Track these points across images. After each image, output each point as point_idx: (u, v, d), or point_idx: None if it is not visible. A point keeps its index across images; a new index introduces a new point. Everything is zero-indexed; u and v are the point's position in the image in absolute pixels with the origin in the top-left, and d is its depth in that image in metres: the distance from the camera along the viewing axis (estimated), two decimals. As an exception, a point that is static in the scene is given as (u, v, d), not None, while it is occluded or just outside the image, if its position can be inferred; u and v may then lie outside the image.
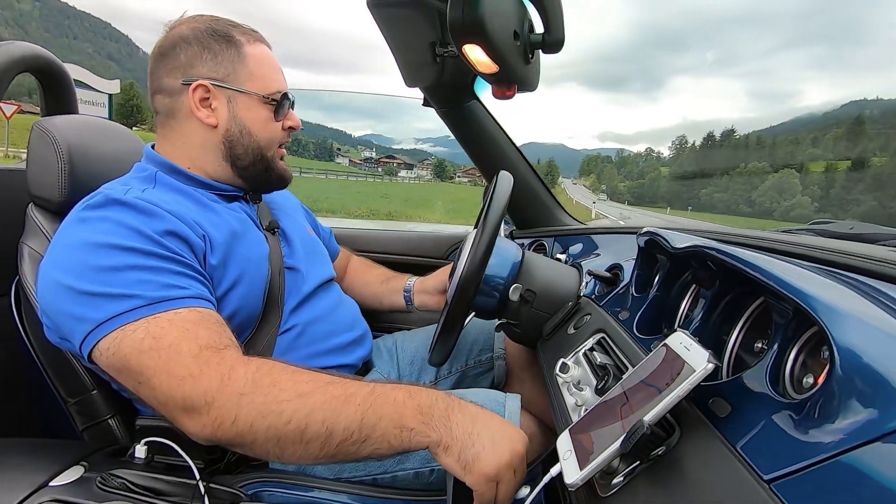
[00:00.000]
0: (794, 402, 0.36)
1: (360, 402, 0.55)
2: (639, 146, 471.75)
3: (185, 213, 0.70)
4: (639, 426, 0.39)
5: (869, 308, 0.38)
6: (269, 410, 0.54)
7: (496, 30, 0.70)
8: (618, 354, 0.63)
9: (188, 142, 0.79)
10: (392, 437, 0.54)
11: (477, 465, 0.53)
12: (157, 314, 0.59)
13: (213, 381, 0.56)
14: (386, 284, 1.12)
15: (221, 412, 0.55)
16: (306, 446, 0.54)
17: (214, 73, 0.77)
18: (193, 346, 0.58)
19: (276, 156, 0.83)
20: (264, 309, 0.77)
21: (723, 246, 0.54)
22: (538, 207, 1.47)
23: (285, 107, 0.82)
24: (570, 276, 0.93)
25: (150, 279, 0.61)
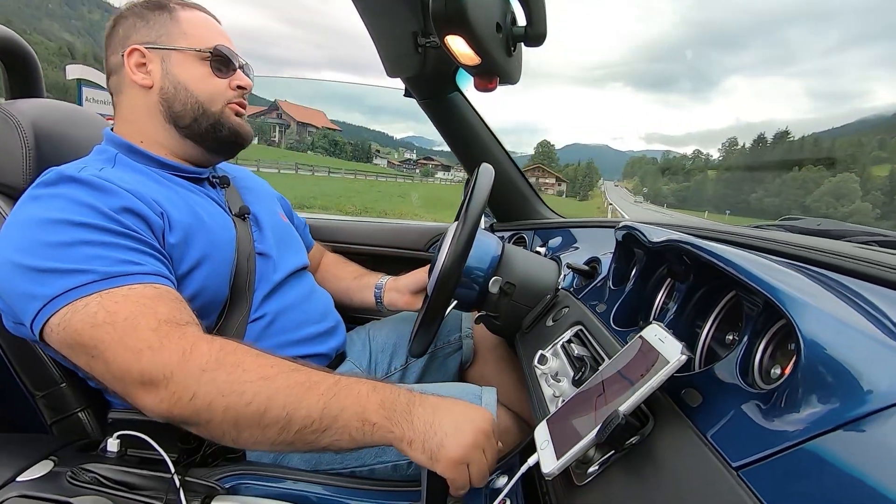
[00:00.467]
0: (762, 393, 0.38)
1: (323, 392, 0.54)
2: (687, 148, 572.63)
3: (144, 192, 0.69)
4: (614, 416, 0.40)
5: (834, 302, 0.40)
6: (230, 390, 0.53)
7: (479, 21, 0.70)
8: (595, 346, 0.64)
9: (134, 111, 0.79)
10: (354, 429, 0.54)
11: (442, 452, 0.53)
12: (110, 289, 0.57)
13: (174, 355, 0.54)
14: (358, 280, 1.12)
15: (180, 387, 0.53)
16: (264, 430, 0.54)
17: (147, 37, 0.77)
18: (152, 320, 0.56)
19: (225, 112, 0.81)
20: (232, 295, 0.76)
21: (697, 240, 0.55)
22: (519, 200, 1.48)
23: (228, 65, 0.81)
24: (550, 269, 0.93)
25: (105, 255, 0.59)
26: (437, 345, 1.04)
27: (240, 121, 0.83)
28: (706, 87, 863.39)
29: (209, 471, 0.71)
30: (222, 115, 0.81)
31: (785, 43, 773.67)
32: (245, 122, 0.85)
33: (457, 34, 0.71)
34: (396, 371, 1.02)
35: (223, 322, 0.75)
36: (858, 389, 0.31)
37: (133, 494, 0.64)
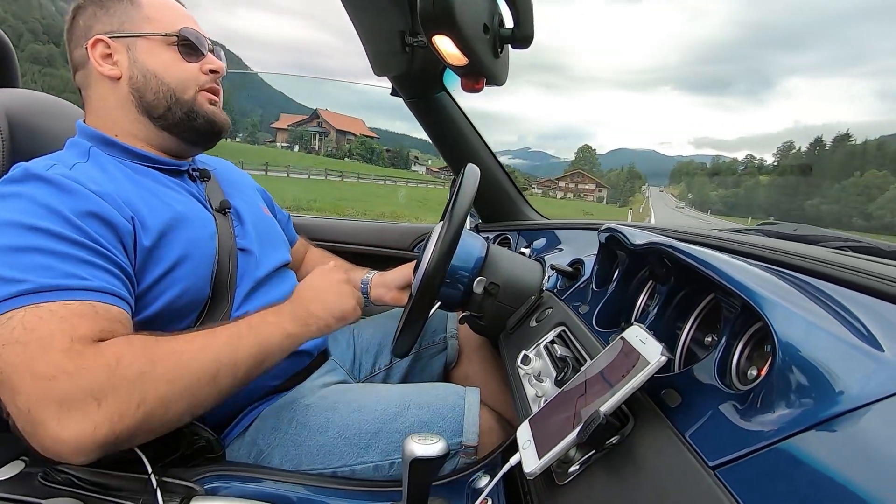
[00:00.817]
0: (739, 393, 0.38)
1: (244, 333, 0.64)
2: (739, 153, 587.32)
3: (115, 193, 0.66)
4: (595, 416, 0.41)
5: (809, 305, 0.41)
6: (177, 375, 0.56)
7: (466, 22, 0.70)
8: (577, 347, 0.64)
9: (105, 105, 0.77)
10: (283, 347, 0.68)
11: (342, 307, 0.75)
12: (40, 304, 0.53)
13: (100, 374, 0.51)
14: None
15: (122, 403, 0.51)
16: (219, 387, 0.60)
17: (109, 26, 0.75)
18: (65, 341, 0.52)
19: (198, 99, 0.79)
20: (213, 293, 0.75)
21: (678, 243, 0.56)
22: (504, 201, 1.49)
23: (196, 48, 0.79)
24: (534, 270, 0.94)
25: (52, 265, 0.56)
26: (421, 345, 1.04)
27: (214, 109, 0.81)
28: (762, 88, 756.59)
29: (187, 471, 0.69)
30: (195, 102, 0.79)
31: (852, 42, 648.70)
32: (220, 111, 0.83)
33: (444, 34, 0.71)
34: (381, 371, 1.02)
35: (203, 320, 0.74)
36: (830, 390, 0.32)
37: (108, 496, 0.63)
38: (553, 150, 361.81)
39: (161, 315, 0.69)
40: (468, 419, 0.76)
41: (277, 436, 0.75)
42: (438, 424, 0.75)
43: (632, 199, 37.88)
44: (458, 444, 0.75)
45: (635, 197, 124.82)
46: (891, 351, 0.33)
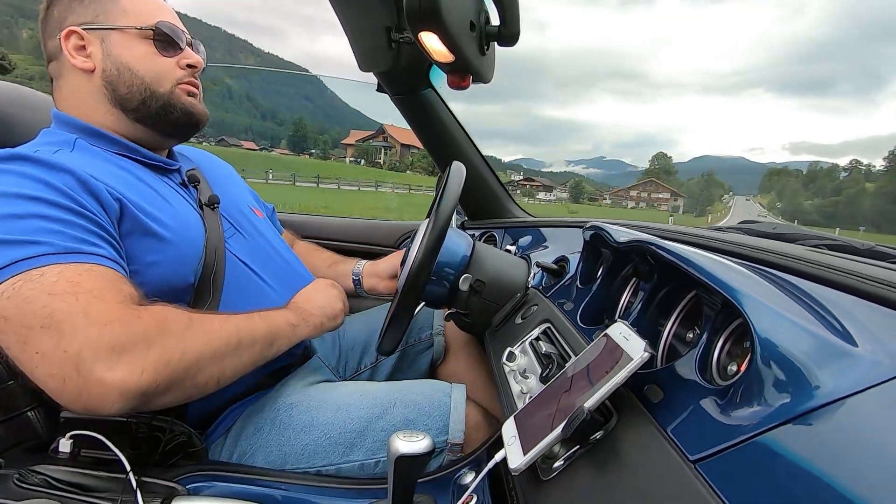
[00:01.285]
0: (720, 388, 0.39)
1: (258, 320, 0.69)
2: (843, 158, 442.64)
3: (102, 177, 0.65)
4: (579, 412, 0.41)
5: (787, 302, 0.42)
6: (208, 338, 0.61)
7: (453, 19, 0.70)
8: (562, 344, 0.65)
9: (76, 96, 0.75)
10: (289, 332, 0.73)
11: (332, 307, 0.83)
12: (71, 263, 0.55)
13: (150, 325, 0.56)
14: (333, 268, 1.10)
15: (166, 351, 0.55)
16: (241, 356, 0.65)
17: (83, 17, 0.74)
18: (118, 295, 0.56)
19: (175, 92, 0.77)
20: (198, 289, 0.73)
21: (661, 241, 0.57)
22: (490, 199, 1.49)
23: (173, 42, 0.77)
24: (519, 268, 0.95)
25: (61, 230, 0.56)
26: (408, 342, 1.03)
27: (192, 101, 0.80)
28: (873, 87, 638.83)
29: (168, 471, 0.68)
30: (172, 95, 0.77)
31: None
32: (199, 103, 0.81)
33: (430, 31, 0.71)
34: (367, 368, 1.01)
35: None
36: (807, 385, 0.32)
37: (86, 497, 0.62)
38: (630, 158, 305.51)
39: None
40: (454, 417, 0.76)
41: (260, 437, 0.75)
42: (424, 423, 0.75)
43: (710, 208, 36.16)
44: (444, 441, 0.75)
45: (714, 206, 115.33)
46: (864, 347, 0.34)
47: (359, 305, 1.44)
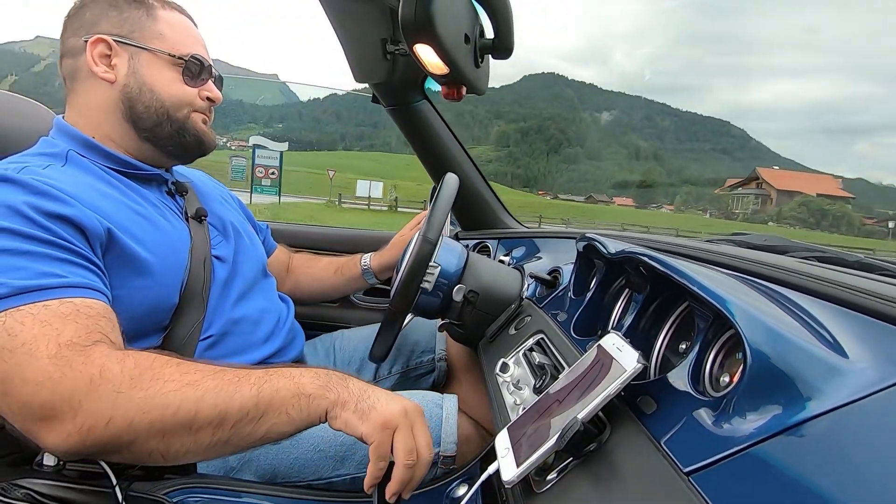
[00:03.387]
0: (712, 400, 0.39)
1: (254, 381, 0.53)
2: None
3: (88, 197, 0.64)
4: (573, 423, 0.41)
5: (778, 313, 0.42)
6: (152, 405, 0.50)
7: (447, 32, 0.71)
8: (555, 355, 0.65)
9: (89, 103, 0.75)
10: (290, 406, 0.53)
11: (373, 413, 0.53)
12: (20, 306, 0.52)
13: (80, 383, 0.50)
14: (340, 274, 1.10)
15: (92, 416, 0.49)
16: (196, 435, 0.51)
17: (118, 29, 0.73)
18: (52, 346, 0.51)
19: (191, 117, 0.78)
20: (183, 300, 0.72)
21: (654, 253, 0.57)
22: (484, 209, 1.50)
23: (201, 73, 0.78)
24: (513, 279, 0.95)
25: (23, 265, 0.54)
26: (408, 364, 1.02)
27: (205, 128, 0.81)
28: None
29: (155, 484, 0.67)
30: (188, 119, 0.78)
31: None
32: (210, 130, 0.82)
33: (425, 43, 0.72)
34: None
35: (172, 329, 0.71)
36: (798, 397, 0.33)
37: None
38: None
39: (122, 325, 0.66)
40: (445, 428, 0.75)
41: (251, 450, 0.73)
42: None
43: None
44: (436, 454, 0.74)
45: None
46: (855, 358, 0.34)
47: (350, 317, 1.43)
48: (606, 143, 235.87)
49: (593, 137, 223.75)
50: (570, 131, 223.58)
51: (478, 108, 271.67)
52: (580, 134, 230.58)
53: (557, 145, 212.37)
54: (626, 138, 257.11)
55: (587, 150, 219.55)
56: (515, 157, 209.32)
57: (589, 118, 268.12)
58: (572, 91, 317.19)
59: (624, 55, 35.05)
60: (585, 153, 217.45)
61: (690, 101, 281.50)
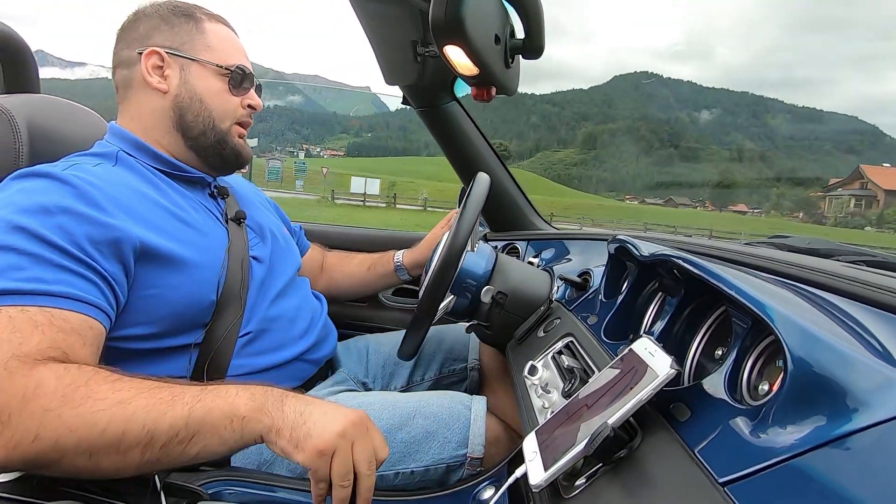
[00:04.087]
0: (750, 408, 0.38)
1: (188, 400, 0.52)
2: None
3: (129, 197, 0.67)
4: (603, 429, 0.40)
5: (822, 320, 0.40)
6: (79, 423, 0.49)
7: (478, 32, 0.71)
8: (585, 358, 0.64)
9: (141, 110, 0.79)
10: (223, 428, 0.52)
11: (308, 442, 0.52)
12: (3, 306, 0.53)
13: (13, 398, 0.49)
14: (373, 271, 1.12)
15: (19, 431, 0.49)
16: (125, 455, 0.51)
17: (170, 41, 0.77)
18: (6, 354, 0.51)
19: (231, 131, 0.82)
20: (221, 301, 0.74)
21: (688, 256, 0.55)
22: (513, 210, 1.49)
23: (244, 82, 0.82)
24: (542, 280, 0.94)
25: (22, 265, 0.55)
26: (441, 372, 1.03)
27: (241, 142, 0.84)
28: None
29: (192, 475, 0.69)
30: (229, 133, 0.81)
31: None
32: (246, 145, 0.86)
33: (455, 45, 0.72)
34: (396, 391, 1.01)
35: (211, 326, 0.74)
36: (844, 407, 0.31)
37: (112, 498, 0.63)
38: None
39: (165, 320, 0.69)
40: (474, 430, 0.75)
41: None
42: (444, 434, 0.75)
43: None
44: (464, 455, 0.74)
45: None
46: (906, 368, 0.32)
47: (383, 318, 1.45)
48: (704, 143, 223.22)
49: (689, 138, 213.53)
50: (662, 132, 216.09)
51: (564, 111, 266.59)
52: (674, 135, 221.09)
53: (648, 147, 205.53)
54: (728, 138, 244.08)
55: (681, 152, 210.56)
56: (602, 160, 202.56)
57: (686, 118, 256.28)
58: (667, 90, 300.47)
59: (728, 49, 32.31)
60: (679, 154, 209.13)
61: (809, 95, 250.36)
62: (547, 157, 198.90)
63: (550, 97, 50.62)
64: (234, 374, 0.75)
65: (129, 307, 0.66)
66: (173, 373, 0.70)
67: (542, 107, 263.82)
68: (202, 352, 0.73)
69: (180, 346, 0.71)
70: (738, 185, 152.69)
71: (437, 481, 0.75)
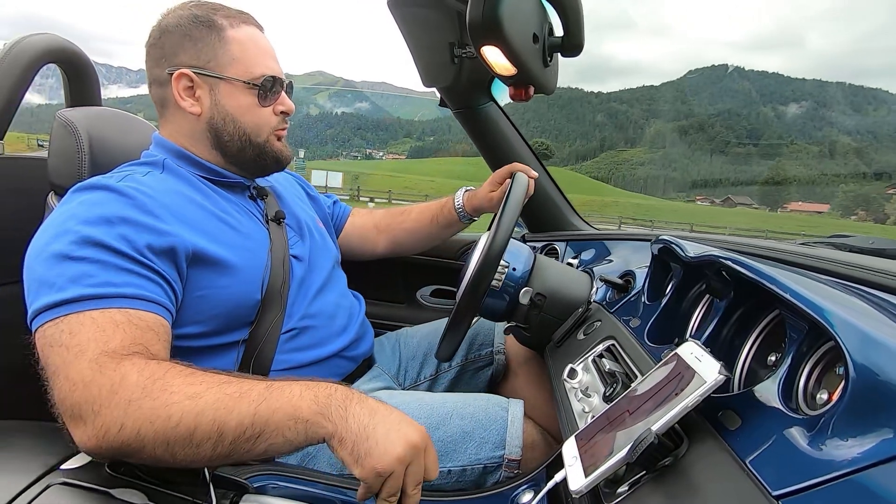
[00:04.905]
0: (807, 418, 0.36)
1: (254, 398, 0.54)
2: None
3: (177, 203, 0.71)
4: (646, 435, 0.39)
5: (887, 325, 0.37)
6: (156, 415, 0.52)
7: (515, 32, 0.70)
8: (627, 362, 0.62)
9: (180, 130, 0.81)
10: (287, 429, 0.53)
11: (368, 459, 0.52)
12: (83, 311, 0.58)
13: (103, 390, 0.53)
14: (436, 222, 1.11)
15: (107, 421, 0.53)
16: (197, 448, 0.53)
17: (196, 60, 0.77)
18: (95, 351, 0.56)
19: (269, 140, 0.83)
20: (265, 299, 0.77)
21: (738, 256, 0.53)
22: (552, 211, 1.47)
23: (273, 91, 0.81)
24: (582, 282, 0.92)
25: (92, 273, 0.60)
26: (467, 357, 1.03)
27: (281, 146, 0.85)
28: None
29: (239, 469, 0.72)
30: (267, 143, 0.83)
31: None
32: (286, 146, 0.87)
33: (493, 45, 0.71)
34: (425, 380, 1.02)
35: (255, 327, 0.77)
36: (914, 420, 0.29)
37: (166, 488, 0.66)
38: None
39: (214, 320, 0.72)
40: (511, 431, 0.75)
41: None
42: (480, 435, 0.74)
43: None
44: (501, 456, 0.73)
45: None
46: None
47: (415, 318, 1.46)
48: (789, 139, 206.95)
49: (771, 134, 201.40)
50: (740, 128, 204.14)
51: (632, 109, 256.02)
52: (754, 130, 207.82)
53: (724, 144, 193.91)
54: (818, 133, 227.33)
55: (760, 149, 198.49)
56: (672, 160, 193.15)
57: (770, 112, 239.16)
58: (749, 83, 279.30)
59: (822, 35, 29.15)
60: (758, 152, 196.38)
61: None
62: (612, 158, 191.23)
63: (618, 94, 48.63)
64: (277, 370, 0.77)
65: (182, 307, 0.69)
66: (222, 367, 0.73)
67: (608, 105, 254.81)
68: (247, 348, 0.76)
69: (228, 343, 0.74)
70: (799, 180, 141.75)
71: (475, 482, 0.74)
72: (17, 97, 0.93)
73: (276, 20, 16.32)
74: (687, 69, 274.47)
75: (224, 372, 0.58)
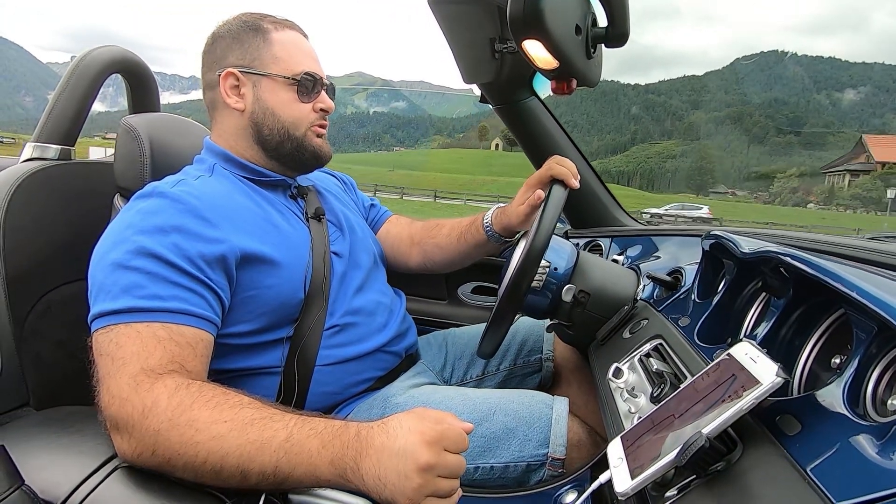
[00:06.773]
0: (876, 425, 0.33)
1: (275, 450, 0.55)
2: None
3: (225, 205, 0.74)
4: (697, 438, 0.38)
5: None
6: (183, 451, 0.55)
7: (557, 24, 0.69)
8: (676, 362, 0.60)
9: (226, 128, 0.85)
10: (309, 483, 0.56)
11: (397, 500, 0.54)
12: (131, 323, 0.61)
13: (136, 411, 0.56)
14: (464, 241, 1.04)
15: (141, 444, 0.56)
16: (226, 481, 0.56)
17: (241, 60, 0.81)
18: (136, 367, 0.58)
19: (307, 135, 0.85)
20: (308, 296, 0.79)
21: (798, 252, 0.50)
22: (595, 206, 1.43)
23: (312, 89, 0.84)
24: (627, 279, 0.89)
25: (142, 284, 0.63)
26: (515, 363, 1.03)
27: (320, 142, 0.88)
28: None
29: None
30: (305, 138, 0.85)
31: None
32: (325, 143, 0.89)
33: (534, 38, 0.70)
34: (472, 380, 1.02)
35: (299, 324, 0.79)
36: None
37: None
38: None
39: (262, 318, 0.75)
40: (555, 430, 0.74)
41: None
42: (524, 432, 0.74)
43: None
44: (545, 455, 0.73)
45: None
46: None
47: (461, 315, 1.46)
48: (836, 127, 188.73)
49: (817, 122, 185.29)
50: (782, 117, 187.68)
51: (672, 100, 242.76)
52: (797, 119, 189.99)
53: (763, 134, 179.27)
54: (877, 121, 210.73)
55: (802, 139, 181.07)
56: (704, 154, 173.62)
57: (824, 99, 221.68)
58: (801, 69, 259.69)
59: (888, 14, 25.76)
60: (800, 141, 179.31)
61: None
62: (643, 151, 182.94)
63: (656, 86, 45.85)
64: (321, 364, 0.79)
65: (231, 308, 0.72)
66: (269, 363, 0.76)
67: (645, 97, 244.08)
68: (293, 345, 0.78)
69: (274, 340, 0.77)
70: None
71: (517, 480, 0.74)
72: (86, 107, 1.00)
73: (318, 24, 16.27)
74: (735, 56, 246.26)
75: (248, 403, 0.59)
